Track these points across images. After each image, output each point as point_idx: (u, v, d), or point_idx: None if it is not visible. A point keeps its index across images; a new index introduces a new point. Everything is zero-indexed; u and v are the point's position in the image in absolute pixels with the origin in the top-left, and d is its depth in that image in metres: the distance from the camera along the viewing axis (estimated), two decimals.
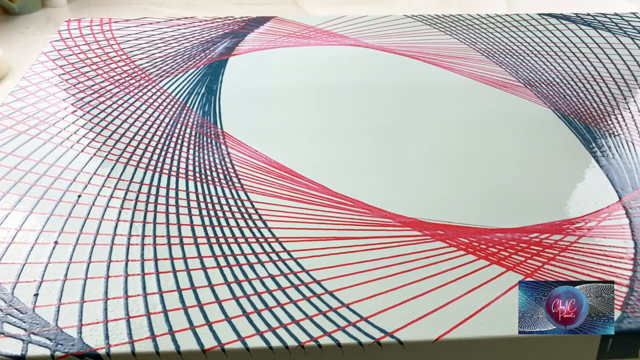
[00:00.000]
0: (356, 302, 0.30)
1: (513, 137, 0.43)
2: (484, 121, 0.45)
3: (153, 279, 0.31)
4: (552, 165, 0.40)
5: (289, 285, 0.31)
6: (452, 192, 0.38)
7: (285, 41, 0.56)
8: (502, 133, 0.43)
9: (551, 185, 0.38)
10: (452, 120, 0.45)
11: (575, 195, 0.37)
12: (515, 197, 0.37)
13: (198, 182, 0.38)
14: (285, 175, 0.39)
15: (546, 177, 0.39)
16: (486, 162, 0.40)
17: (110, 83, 0.49)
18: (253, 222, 0.35)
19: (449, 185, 0.38)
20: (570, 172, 0.40)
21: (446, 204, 0.37)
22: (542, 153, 0.41)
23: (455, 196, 0.37)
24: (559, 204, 0.37)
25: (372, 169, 0.40)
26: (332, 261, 0.32)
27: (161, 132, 0.43)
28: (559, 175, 0.39)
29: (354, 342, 0.28)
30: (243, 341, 0.28)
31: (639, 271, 0.32)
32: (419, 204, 0.36)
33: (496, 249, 0.33)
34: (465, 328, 0.28)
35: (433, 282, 0.31)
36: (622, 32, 0.58)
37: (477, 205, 0.37)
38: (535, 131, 0.44)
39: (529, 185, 0.38)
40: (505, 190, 0.38)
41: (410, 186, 0.38)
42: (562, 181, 0.39)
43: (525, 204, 0.37)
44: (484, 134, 0.43)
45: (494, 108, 0.46)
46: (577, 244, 0.34)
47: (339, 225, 0.35)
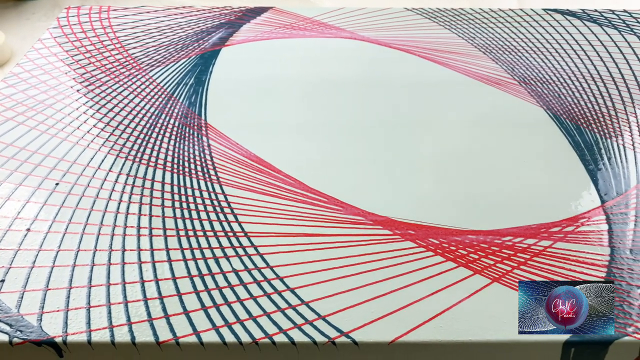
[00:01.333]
0: (316, 300, 0.30)
1: (500, 137, 0.42)
2: (471, 120, 0.44)
3: (118, 270, 0.31)
4: (537, 167, 0.39)
5: (251, 280, 0.31)
6: (429, 191, 0.37)
7: (280, 32, 0.56)
8: (489, 133, 0.42)
9: (533, 187, 0.37)
10: (437, 118, 0.44)
11: (557, 199, 0.37)
12: (494, 198, 0.37)
13: (175, 173, 0.38)
14: (263, 169, 0.39)
15: (529, 179, 0.38)
16: (468, 162, 0.39)
17: (102, 72, 0.49)
18: (224, 215, 0.35)
19: (427, 184, 0.38)
20: (554, 175, 0.39)
21: (421, 203, 0.36)
22: (527, 155, 0.40)
23: (432, 196, 0.37)
24: (538, 207, 0.36)
25: (351, 166, 0.39)
26: (297, 258, 0.32)
27: (145, 122, 0.43)
28: (543, 178, 0.38)
29: (309, 341, 0.28)
30: (198, 335, 0.28)
31: (608, 279, 0.31)
32: (393, 202, 0.36)
33: (466, 251, 0.33)
34: (423, 331, 0.28)
35: (397, 283, 0.31)
36: (628, 29, 0.56)
37: (453, 206, 0.36)
38: (523, 132, 0.43)
39: (510, 187, 0.38)
40: (485, 191, 0.37)
41: (387, 184, 0.37)
42: (545, 184, 0.38)
43: (503, 206, 0.36)
44: (469, 134, 0.42)
45: (483, 106, 0.45)
46: (552, 249, 0.33)
47: (310, 221, 0.35)
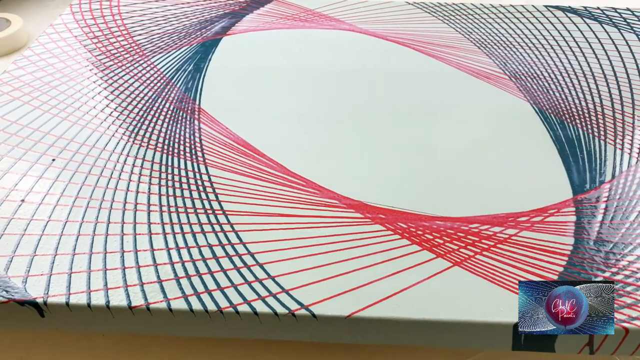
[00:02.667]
0: (282, 275, 0.31)
1: (480, 129, 0.43)
2: (454, 112, 0.45)
3: (101, 240, 0.33)
4: (515, 158, 0.40)
5: (223, 255, 0.33)
6: (404, 178, 0.38)
7: (281, 23, 0.57)
8: (470, 124, 0.43)
9: (507, 178, 0.38)
10: (421, 109, 0.45)
11: (530, 190, 0.37)
12: (467, 187, 0.38)
13: (164, 153, 0.40)
14: (248, 153, 0.40)
15: (505, 170, 0.39)
16: (447, 152, 0.41)
17: (107, 56, 0.51)
18: (206, 194, 0.37)
19: (403, 171, 0.39)
20: (531, 166, 0.40)
21: (396, 189, 0.37)
22: (507, 146, 0.41)
23: (408, 182, 0.38)
24: (510, 197, 0.37)
25: (332, 152, 0.41)
26: (270, 236, 0.34)
27: (142, 104, 0.45)
28: (519, 169, 0.39)
29: (270, 312, 0.29)
30: (168, 302, 0.30)
31: (570, 268, 0.32)
32: (368, 187, 0.37)
33: (432, 236, 0.34)
34: (379, 308, 0.30)
35: (361, 262, 0.32)
36: (628, 28, 0.57)
37: (426, 192, 0.37)
38: (506, 124, 0.44)
39: (485, 177, 0.39)
40: (460, 180, 0.38)
41: (365, 170, 0.39)
42: (521, 175, 0.39)
43: (475, 195, 0.37)
44: (450, 124, 0.43)
45: (469, 99, 0.46)
46: (516, 237, 0.34)
47: (287, 203, 0.36)
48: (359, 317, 0.29)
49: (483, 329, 0.29)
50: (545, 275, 0.31)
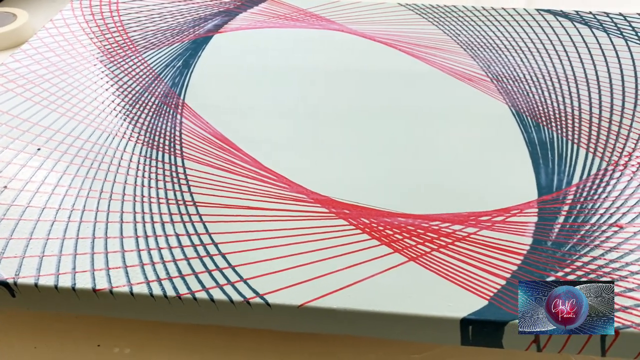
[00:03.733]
0: (242, 265, 0.32)
1: (455, 129, 0.44)
2: (431, 112, 0.46)
3: (74, 227, 0.35)
4: (484, 159, 0.41)
5: (189, 244, 0.34)
6: (373, 175, 0.39)
7: (272, 22, 0.59)
8: (445, 125, 0.44)
9: (475, 179, 0.39)
10: (400, 108, 0.46)
11: (495, 191, 0.38)
12: (435, 186, 0.38)
13: (144, 145, 0.42)
14: (224, 147, 0.42)
15: (473, 170, 0.40)
16: (417, 151, 0.41)
17: (101, 52, 0.53)
18: (179, 185, 0.38)
19: (372, 169, 0.40)
20: (500, 167, 0.40)
21: (363, 186, 0.38)
22: (478, 147, 0.42)
23: (375, 180, 0.39)
24: (475, 196, 0.38)
25: (306, 148, 0.42)
26: (235, 227, 0.35)
27: (128, 98, 0.47)
28: (487, 169, 0.40)
29: (226, 299, 0.31)
30: (130, 286, 0.31)
31: (523, 267, 0.33)
32: (337, 183, 0.38)
33: (392, 232, 0.35)
34: (332, 299, 0.31)
35: (320, 255, 0.33)
36: (618, 32, 0.57)
37: (392, 190, 0.38)
38: (480, 125, 0.44)
39: (453, 176, 0.39)
40: (427, 179, 0.39)
41: (336, 167, 0.40)
42: (488, 176, 0.39)
43: (442, 194, 0.38)
44: (425, 124, 0.44)
45: (447, 100, 0.47)
46: (475, 235, 0.35)
47: (256, 196, 0.37)
48: (310, 307, 0.30)
49: (431, 323, 0.30)
50: (497, 273, 0.32)
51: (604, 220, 0.36)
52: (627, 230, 0.35)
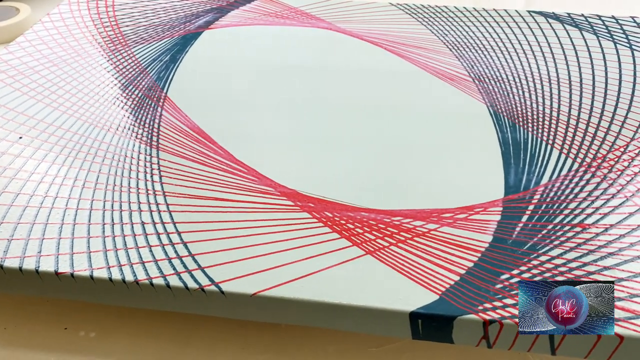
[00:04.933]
0: (202, 254, 0.33)
1: (430, 127, 0.44)
2: (408, 110, 0.46)
3: (45, 212, 0.36)
4: (455, 158, 0.41)
5: (153, 232, 0.35)
6: (343, 171, 0.40)
7: (262, 19, 0.59)
8: (420, 123, 0.44)
9: (444, 176, 0.39)
10: (378, 106, 0.46)
11: (462, 189, 0.38)
12: (403, 183, 0.39)
13: (122, 137, 0.43)
14: (199, 139, 0.43)
15: (443, 168, 0.40)
16: (389, 147, 0.42)
17: (92, 45, 0.54)
18: (151, 176, 0.39)
19: (342, 164, 0.40)
20: (470, 166, 0.40)
21: (332, 181, 0.39)
22: (451, 146, 0.42)
23: (344, 175, 0.39)
24: (441, 194, 0.38)
25: (279, 142, 0.42)
26: (200, 218, 0.36)
27: (113, 90, 0.48)
28: (457, 168, 0.40)
29: (182, 286, 0.31)
30: (91, 271, 0.32)
31: (479, 264, 0.33)
32: (306, 177, 0.39)
33: (353, 226, 0.35)
34: (285, 288, 0.31)
35: (279, 246, 0.34)
36: (608, 35, 0.56)
37: (360, 185, 0.38)
38: (455, 124, 0.44)
39: (423, 174, 0.40)
40: (396, 175, 0.39)
41: (305, 161, 0.40)
42: (457, 174, 0.40)
43: (409, 190, 0.38)
44: (400, 122, 0.44)
45: (426, 99, 0.47)
46: (435, 231, 0.35)
47: (224, 188, 0.38)
48: (262, 296, 0.31)
49: (381, 316, 0.30)
50: (452, 269, 0.32)
51: (567, 221, 0.36)
52: (590, 231, 0.35)
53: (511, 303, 0.30)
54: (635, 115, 0.45)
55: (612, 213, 0.36)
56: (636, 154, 0.41)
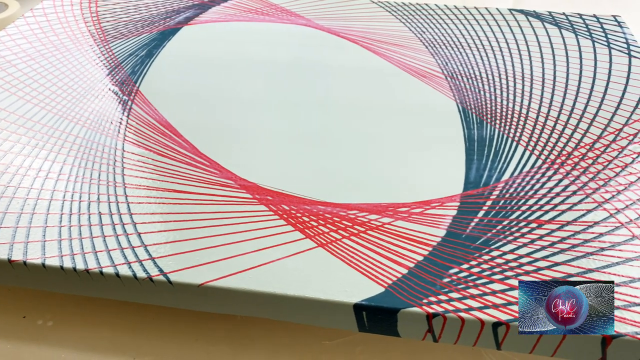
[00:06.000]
0: (154, 245, 0.33)
1: (394, 123, 0.44)
2: (377, 106, 0.46)
3: (5, 202, 0.36)
4: (418, 154, 0.41)
5: (109, 223, 0.35)
6: (304, 165, 0.40)
7: (242, 16, 0.60)
8: (385, 118, 0.44)
9: (405, 171, 0.39)
10: (346, 102, 0.46)
11: (422, 184, 0.38)
12: (363, 177, 0.39)
13: (89, 129, 0.43)
14: (166, 133, 0.43)
15: (405, 164, 0.40)
16: (353, 142, 0.42)
17: (71, 40, 0.55)
18: (114, 168, 0.39)
19: (305, 158, 0.40)
20: (432, 162, 0.40)
21: (293, 175, 0.39)
22: (414, 141, 0.42)
23: (306, 169, 0.39)
24: (400, 189, 0.38)
25: (244, 136, 0.43)
26: (157, 209, 0.36)
27: (86, 84, 0.48)
28: (419, 163, 0.40)
29: (131, 275, 0.32)
30: (44, 259, 0.32)
31: (429, 257, 0.33)
32: (267, 171, 0.39)
33: (308, 219, 0.35)
34: (233, 279, 0.31)
35: (233, 238, 0.34)
36: (587, 34, 0.56)
37: (321, 179, 0.38)
38: (422, 121, 0.44)
39: (384, 169, 0.40)
40: (357, 170, 0.39)
41: (269, 155, 0.41)
42: (419, 169, 0.40)
43: (368, 185, 0.38)
44: (367, 118, 0.45)
45: (397, 95, 0.47)
46: (389, 225, 0.35)
47: (185, 180, 0.38)
48: (209, 287, 0.31)
49: (326, 307, 0.31)
50: (401, 262, 0.32)
51: (524, 217, 0.36)
52: (545, 227, 0.35)
53: (457, 297, 0.30)
54: (605, 113, 0.45)
55: (570, 210, 0.36)
56: (602, 151, 0.41)
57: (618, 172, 0.39)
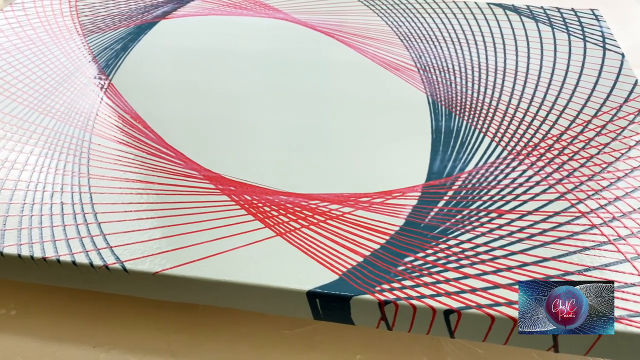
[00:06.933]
0: (114, 234, 0.34)
1: (363, 115, 0.44)
2: (344, 98, 0.46)
3: None
4: (384, 144, 0.41)
5: (70, 212, 0.35)
6: (270, 156, 0.40)
7: (220, 10, 0.60)
8: (354, 110, 0.45)
9: (370, 162, 0.39)
10: (315, 94, 0.46)
11: (386, 174, 0.38)
12: (326, 168, 0.39)
13: (59, 121, 0.43)
14: (134, 124, 0.43)
15: (370, 154, 0.40)
16: (319, 134, 0.42)
17: (48, 34, 0.55)
18: (79, 159, 0.40)
19: (271, 150, 0.40)
20: (397, 153, 0.40)
21: (258, 165, 0.39)
22: (381, 133, 0.42)
23: (270, 160, 0.40)
24: (364, 179, 0.38)
25: (210, 127, 0.43)
26: (120, 199, 0.36)
27: (59, 77, 0.49)
28: (384, 154, 0.40)
29: (87, 263, 0.32)
30: (2, 247, 0.33)
31: (385, 246, 0.33)
32: (232, 162, 0.39)
33: (270, 208, 0.35)
34: (188, 268, 0.31)
35: (192, 227, 0.34)
36: (563, 27, 0.56)
37: (285, 170, 0.39)
38: (390, 113, 0.44)
39: (347, 159, 0.40)
40: (321, 161, 0.39)
41: (234, 146, 0.41)
42: (383, 160, 0.40)
43: (331, 175, 0.38)
44: (334, 109, 0.45)
45: (368, 88, 0.47)
46: (349, 215, 0.35)
47: (149, 171, 0.39)
48: (164, 275, 0.31)
49: (279, 295, 0.31)
50: (358, 250, 0.33)
51: (485, 207, 0.36)
52: (505, 217, 0.35)
53: (410, 285, 0.31)
54: (575, 105, 0.45)
55: (532, 200, 0.36)
56: (569, 142, 0.41)
57: (583, 163, 0.39)
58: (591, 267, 0.32)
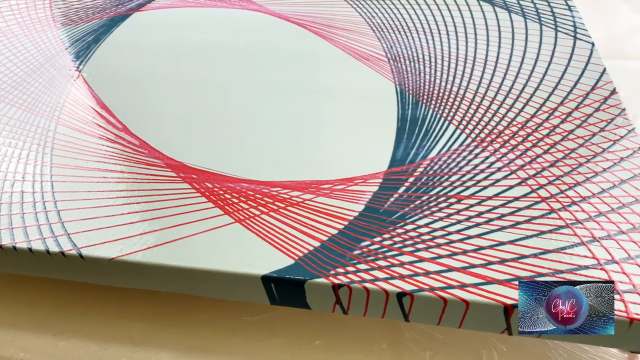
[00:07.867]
0: (72, 221, 0.34)
1: (329, 104, 0.44)
2: (312, 88, 0.46)
3: None
4: (348, 133, 0.41)
5: (30, 200, 0.35)
6: (232, 145, 0.40)
7: (194, 2, 0.60)
8: (321, 99, 0.45)
9: (333, 150, 0.39)
10: (283, 85, 0.46)
11: (349, 162, 0.38)
12: (291, 156, 0.39)
13: (27, 112, 0.43)
14: (102, 115, 0.43)
15: (334, 142, 0.40)
16: (283, 123, 0.42)
17: (20, 27, 0.55)
18: (43, 148, 0.40)
19: (234, 139, 0.41)
20: (361, 141, 0.40)
21: (221, 154, 0.39)
22: (346, 121, 0.42)
23: (233, 149, 0.40)
24: (327, 167, 0.38)
25: (175, 117, 0.43)
26: (81, 187, 0.36)
27: (29, 69, 0.48)
28: (348, 142, 0.40)
29: (44, 250, 0.32)
30: None
31: (343, 231, 0.33)
32: (197, 151, 0.39)
33: (230, 196, 0.35)
34: (144, 254, 0.31)
35: (150, 215, 0.34)
36: (536, 17, 0.56)
37: (248, 158, 0.39)
38: (357, 102, 0.44)
39: (311, 147, 0.40)
40: (284, 149, 0.40)
41: (198, 136, 0.41)
42: (347, 148, 0.40)
43: (295, 163, 0.38)
44: (301, 99, 0.45)
45: (338, 78, 0.47)
46: (310, 201, 0.35)
47: (112, 159, 0.39)
48: (119, 261, 0.31)
49: (234, 280, 0.31)
50: (315, 235, 0.33)
51: (444, 192, 0.36)
52: (464, 202, 0.35)
53: (364, 268, 0.31)
54: (542, 93, 0.45)
55: (492, 186, 0.36)
56: (533, 129, 0.41)
57: (546, 149, 0.39)
58: (547, 250, 0.32)
